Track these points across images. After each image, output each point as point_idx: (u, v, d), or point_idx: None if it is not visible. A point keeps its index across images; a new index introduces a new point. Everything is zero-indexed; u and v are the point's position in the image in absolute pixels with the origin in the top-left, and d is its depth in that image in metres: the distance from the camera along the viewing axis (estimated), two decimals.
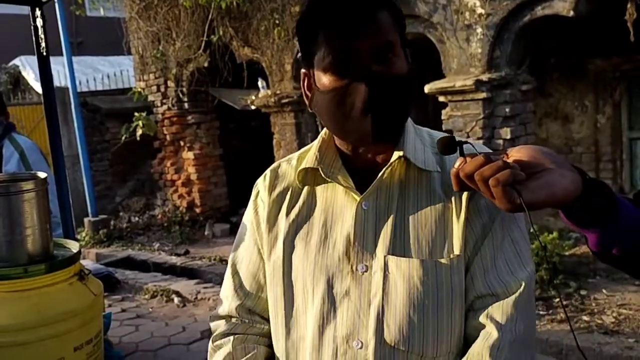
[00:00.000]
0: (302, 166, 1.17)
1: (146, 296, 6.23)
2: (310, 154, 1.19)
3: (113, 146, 9.48)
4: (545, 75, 6.94)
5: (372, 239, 1.10)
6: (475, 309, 1.10)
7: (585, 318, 4.78)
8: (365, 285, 1.08)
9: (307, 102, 1.17)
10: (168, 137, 8.66)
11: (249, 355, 1.21)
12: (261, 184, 1.26)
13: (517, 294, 1.09)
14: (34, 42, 2.45)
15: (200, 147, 8.57)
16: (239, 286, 1.24)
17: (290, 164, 1.24)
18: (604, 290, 5.28)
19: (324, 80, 1.08)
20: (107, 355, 1.65)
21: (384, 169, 1.11)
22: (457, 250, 1.08)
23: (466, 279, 1.10)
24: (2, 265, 1.36)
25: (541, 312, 4.92)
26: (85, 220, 8.31)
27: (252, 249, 1.23)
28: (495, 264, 1.09)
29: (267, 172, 1.26)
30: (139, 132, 8.35)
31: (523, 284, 1.09)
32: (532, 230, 1.14)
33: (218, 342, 1.23)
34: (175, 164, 8.76)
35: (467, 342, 1.12)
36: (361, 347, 1.07)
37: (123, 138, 8.58)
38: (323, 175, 1.14)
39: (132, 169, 9.91)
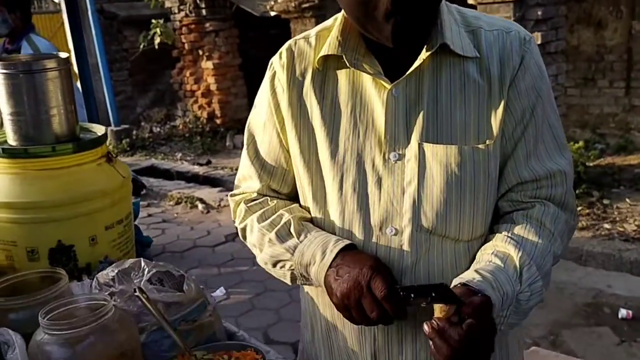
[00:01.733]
0: (323, 52, 1.09)
1: (171, 202, 6.37)
2: (332, 36, 1.10)
3: (131, 55, 9.37)
4: None
5: (403, 127, 1.06)
6: (516, 191, 1.09)
7: (606, 226, 4.79)
8: (399, 173, 1.06)
9: None
10: (186, 46, 8.51)
11: (294, 204, 1.19)
12: (277, 63, 1.16)
13: (562, 177, 1.08)
14: None
15: (219, 57, 8.43)
16: (261, 169, 1.20)
17: (308, 42, 1.15)
18: (627, 200, 5.25)
19: None
20: (137, 239, 1.68)
21: (420, 58, 1.04)
22: (494, 135, 1.05)
23: (507, 164, 1.08)
24: (31, 144, 1.37)
25: (577, 215, 4.93)
26: (108, 129, 8.34)
27: (271, 132, 1.18)
28: (536, 149, 1.08)
29: (283, 50, 1.16)
30: (157, 40, 8.21)
31: (565, 172, 1.09)
32: None
33: (253, 203, 1.20)
34: (194, 74, 8.67)
35: (499, 217, 1.12)
36: (395, 234, 1.07)
37: (141, 47, 8.45)
38: (348, 64, 1.07)
39: (151, 78, 9.84)
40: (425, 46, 1.04)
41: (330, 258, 1.04)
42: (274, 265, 1.16)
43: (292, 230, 1.12)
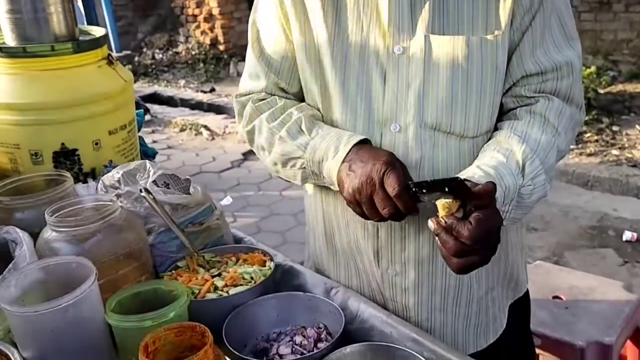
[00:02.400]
0: None
1: (175, 129, 6.33)
2: None
3: None
4: None
5: (408, 18, 1.01)
6: (521, 85, 1.05)
7: (614, 152, 4.75)
8: (404, 67, 1.02)
9: None
10: None
11: (303, 103, 1.15)
12: None
13: (569, 69, 1.05)
14: None
15: None
16: (268, 67, 1.16)
17: None
18: (637, 126, 5.19)
19: None
20: (141, 150, 1.66)
21: None
22: (503, 25, 1.01)
23: (513, 56, 1.04)
24: (30, 43, 1.32)
25: (570, 147, 4.88)
26: None
27: (276, 28, 1.13)
28: (543, 41, 1.03)
29: None
30: None
31: (572, 63, 1.05)
32: None
33: (260, 103, 1.17)
34: None
35: (502, 114, 1.09)
36: (400, 131, 1.04)
37: None
38: None
39: (152, 3, 9.55)
40: None
41: (344, 153, 1.01)
42: (284, 164, 1.12)
43: (303, 127, 1.08)
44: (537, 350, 1.75)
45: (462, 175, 0.96)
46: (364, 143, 1.03)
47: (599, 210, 3.94)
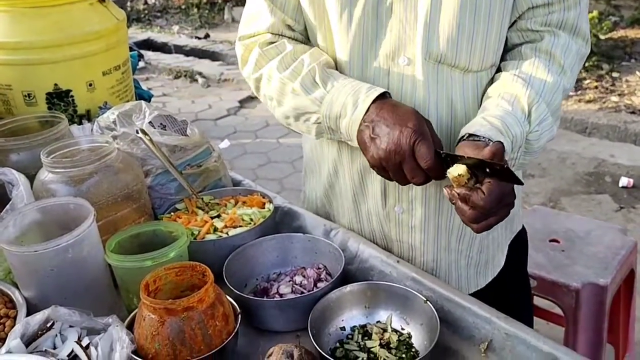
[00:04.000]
0: None
1: (170, 76, 6.24)
2: None
3: None
4: None
5: None
6: (526, 18, 1.02)
7: (614, 99, 4.72)
8: None
9: None
10: None
11: (314, 48, 1.09)
12: None
13: (575, 3, 1.01)
14: None
15: None
16: (272, 2, 1.09)
17: None
18: (637, 73, 5.13)
19: None
20: (137, 92, 1.63)
21: None
22: None
23: None
24: None
25: (569, 93, 4.84)
26: None
27: None
28: None
29: None
30: None
31: None
32: None
33: (268, 47, 1.10)
34: None
35: (507, 51, 1.07)
36: (408, 64, 1.00)
37: None
38: None
39: None
40: None
41: (364, 109, 0.96)
42: (297, 118, 1.07)
43: (317, 79, 1.02)
44: (532, 292, 1.77)
45: (470, 128, 0.93)
46: (384, 97, 0.98)
47: (596, 157, 3.94)
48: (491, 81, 1.06)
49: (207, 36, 7.40)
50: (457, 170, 0.86)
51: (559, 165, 3.82)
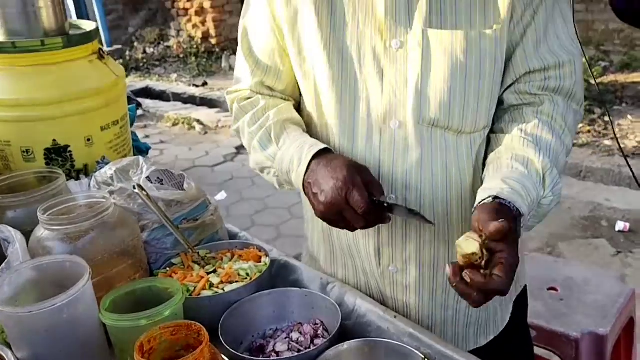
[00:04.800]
0: None
1: (168, 124, 6.30)
2: None
3: None
4: None
5: (405, 12, 1.00)
6: (524, 82, 1.04)
7: (607, 143, 4.77)
8: (401, 62, 1.01)
9: None
10: None
11: (285, 104, 1.16)
12: None
13: (572, 67, 1.04)
14: None
15: None
16: (255, 65, 1.16)
17: None
18: (629, 117, 5.20)
19: None
20: (134, 145, 1.64)
21: None
22: (502, 20, 0.99)
23: (516, 51, 1.03)
24: (19, 38, 1.30)
25: (584, 105, 4.91)
26: None
27: (265, 26, 1.12)
28: (547, 36, 1.02)
29: None
30: None
31: (575, 61, 1.04)
32: None
33: (245, 103, 1.17)
34: None
35: (505, 111, 1.08)
36: (399, 127, 1.03)
37: None
38: None
39: None
40: None
41: (304, 166, 1.02)
42: (261, 171, 1.16)
43: (272, 135, 1.09)
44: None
45: (491, 190, 0.92)
46: (325, 152, 1.02)
47: (591, 201, 3.95)
48: (486, 141, 1.07)
49: (204, 84, 7.51)
50: (469, 247, 0.82)
51: (555, 209, 3.82)
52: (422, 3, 0.99)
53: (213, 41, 8.42)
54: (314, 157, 1.01)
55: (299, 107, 1.19)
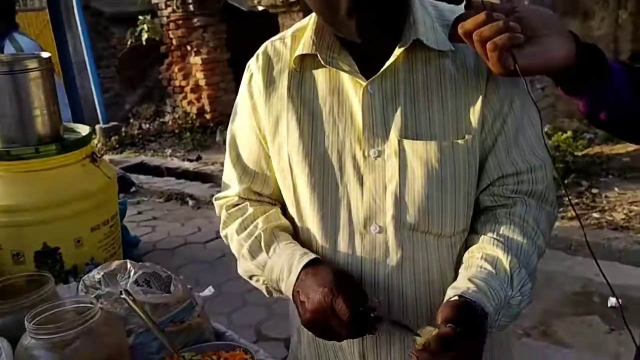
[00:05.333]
0: (299, 52, 1.09)
1: (161, 199, 6.35)
2: (306, 36, 1.09)
3: (119, 52, 9.30)
4: None
5: (381, 123, 1.05)
6: (498, 185, 1.09)
7: (595, 215, 4.82)
8: (379, 170, 1.06)
9: None
10: (174, 42, 8.46)
11: (273, 210, 1.19)
12: (254, 65, 1.16)
13: (543, 172, 1.08)
14: None
15: (208, 52, 8.39)
16: (242, 172, 1.20)
17: (284, 43, 1.15)
18: (615, 189, 5.28)
19: None
20: (124, 240, 1.67)
21: (394, 55, 1.03)
22: (473, 129, 1.05)
23: (488, 158, 1.08)
24: (13, 145, 1.35)
25: (557, 207, 4.96)
26: (97, 127, 8.32)
27: (250, 135, 1.18)
28: (517, 142, 1.07)
29: (260, 52, 1.17)
30: (145, 36, 8.16)
31: (546, 166, 1.09)
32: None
33: (233, 210, 1.21)
34: (183, 69, 8.62)
35: (480, 212, 1.12)
36: (380, 232, 1.07)
37: (129, 43, 8.41)
38: (322, 62, 1.07)
39: (140, 75, 9.76)
40: (399, 42, 1.04)
41: (295, 276, 1.05)
42: (250, 278, 1.19)
43: (262, 244, 1.12)
44: None
45: (456, 289, 0.97)
46: (314, 262, 1.06)
47: (582, 276, 3.96)
48: (465, 243, 1.11)
49: (198, 158, 7.62)
50: (424, 336, 0.88)
51: (546, 285, 3.83)
52: (397, 115, 1.05)
53: (208, 116, 8.62)
54: (304, 266, 1.04)
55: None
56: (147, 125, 8.93)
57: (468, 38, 0.93)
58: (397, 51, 1.03)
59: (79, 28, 8.12)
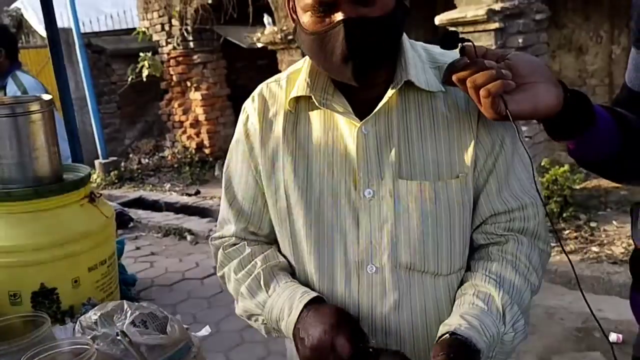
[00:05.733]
0: (294, 94, 1.11)
1: (159, 234, 6.33)
2: (300, 79, 1.12)
3: (120, 88, 9.41)
4: (559, 5, 6.72)
5: (376, 164, 1.07)
6: (490, 223, 1.10)
7: (594, 249, 4.81)
8: (375, 210, 1.07)
9: (293, 23, 1.09)
10: (174, 78, 8.57)
11: (271, 249, 1.19)
12: (250, 107, 1.19)
13: (535, 209, 1.10)
14: None
15: (207, 88, 8.49)
16: (239, 212, 1.20)
17: (279, 85, 1.17)
18: (614, 222, 5.28)
19: (304, 19, 1.02)
20: (121, 278, 1.67)
21: (387, 96, 1.06)
22: (466, 169, 1.07)
23: (480, 196, 1.09)
24: (13, 186, 1.37)
25: (551, 244, 4.95)
26: (96, 162, 8.36)
27: (247, 175, 1.19)
28: (508, 181, 1.09)
29: (255, 95, 1.19)
30: (145, 73, 8.26)
31: (537, 203, 1.10)
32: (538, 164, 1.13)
33: (230, 250, 1.21)
34: (182, 105, 8.71)
35: (473, 250, 1.13)
36: (376, 272, 1.08)
37: (129, 79, 8.51)
38: (317, 104, 1.09)
39: (140, 110, 9.87)
40: (391, 84, 1.07)
41: (296, 314, 1.05)
42: (249, 318, 1.18)
43: (262, 283, 1.13)
44: None
45: (449, 326, 0.98)
46: (316, 301, 1.06)
47: (583, 311, 3.92)
48: (461, 282, 1.11)
49: (197, 192, 7.63)
50: None
51: (547, 321, 3.81)
52: (391, 156, 1.07)
53: (207, 151, 8.67)
54: (305, 304, 1.05)
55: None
56: (147, 160, 8.98)
57: (462, 84, 0.97)
58: (390, 92, 1.06)
59: (81, 65, 8.23)
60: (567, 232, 5.19)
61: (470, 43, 0.99)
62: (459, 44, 0.99)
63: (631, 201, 1.18)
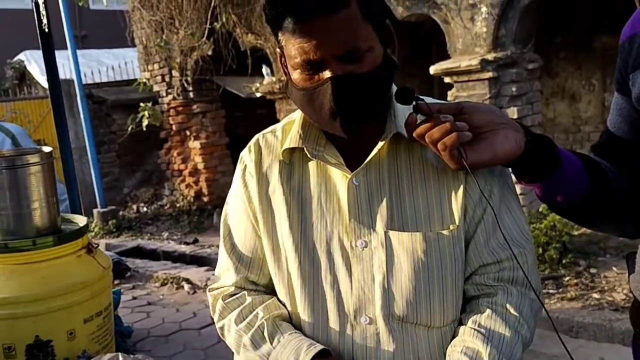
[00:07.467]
0: (287, 145, 1.14)
1: (156, 284, 6.27)
2: (293, 130, 1.15)
3: (120, 137, 9.50)
4: (551, 54, 6.89)
5: (367, 214, 1.09)
6: (480, 274, 1.10)
7: (595, 296, 4.77)
8: (367, 260, 1.08)
9: (285, 77, 1.11)
10: (174, 127, 8.67)
11: (272, 299, 1.18)
12: (247, 157, 1.20)
13: (523, 258, 1.10)
14: (36, 22, 2.43)
15: (207, 136, 8.57)
16: (238, 261, 1.20)
17: (275, 135, 1.20)
18: (614, 268, 5.25)
19: (295, 76, 1.05)
20: (117, 330, 1.66)
21: (376, 148, 1.09)
22: (457, 220, 1.08)
23: (469, 247, 1.10)
24: (11, 238, 1.37)
25: (551, 291, 4.91)
26: (94, 211, 8.36)
27: (246, 224, 1.19)
28: (495, 231, 1.09)
29: (252, 145, 1.21)
30: (145, 122, 8.35)
31: (526, 253, 1.10)
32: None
33: (230, 300, 1.19)
34: (182, 153, 8.78)
35: (465, 301, 1.13)
36: (370, 323, 1.07)
37: (129, 129, 8.60)
38: (309, 155, 1.11)
39: (139, 159, 9.94)
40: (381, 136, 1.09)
41: None
42: None
43: (265, 334, 1.11)
44: None
45: None
46: (322, 354, 1.05)
47: None
48: (454, 334, 1.11)
49: (195, 241, 7.61)
50: None
51: None
52: (383, 206, 1.08)
53: (205, 199, 8.68)
54: (312, 357, 1.04)
55: None
56: (145, 209, 8.98)
57: (421, 139, 1.01)
58: (380, 144, 1.08)
59: (81, 115, 8.34)
60: (567, 278, 5.15)
61: (423, 101, 1.02)
62: (413, 102, 1.02)
63: (631, 246, 1.19)
